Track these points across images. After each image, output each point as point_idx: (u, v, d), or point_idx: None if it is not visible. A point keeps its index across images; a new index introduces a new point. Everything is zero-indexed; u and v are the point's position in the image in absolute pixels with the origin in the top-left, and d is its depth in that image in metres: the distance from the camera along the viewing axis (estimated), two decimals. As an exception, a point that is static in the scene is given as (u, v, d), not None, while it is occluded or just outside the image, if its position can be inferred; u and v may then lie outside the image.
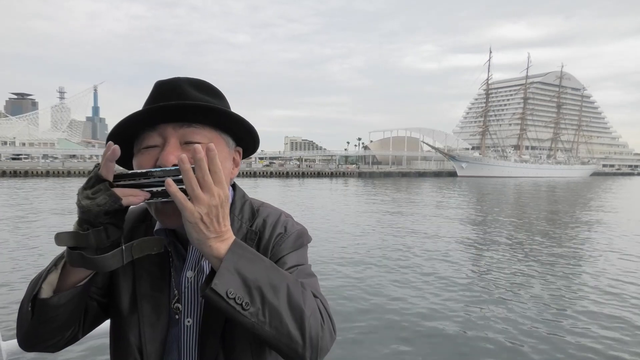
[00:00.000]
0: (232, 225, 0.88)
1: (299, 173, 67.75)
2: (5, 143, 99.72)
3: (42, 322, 0.84)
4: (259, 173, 64.35)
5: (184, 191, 0.76)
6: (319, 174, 69.00)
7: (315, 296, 0.85)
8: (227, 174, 0.93)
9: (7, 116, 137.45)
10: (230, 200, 0.94)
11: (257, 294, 0.77)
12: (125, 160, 0.92)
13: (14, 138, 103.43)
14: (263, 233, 0.96)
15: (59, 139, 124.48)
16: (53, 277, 0.83)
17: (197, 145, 0.76)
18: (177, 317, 0.93)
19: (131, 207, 0.80)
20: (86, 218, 0.76)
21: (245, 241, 0.92)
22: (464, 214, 20.27)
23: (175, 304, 0.93)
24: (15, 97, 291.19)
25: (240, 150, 1.01)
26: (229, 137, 0.95)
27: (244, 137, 0.98)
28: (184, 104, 0.85)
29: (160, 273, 0.94)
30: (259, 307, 0.76)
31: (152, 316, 0.92)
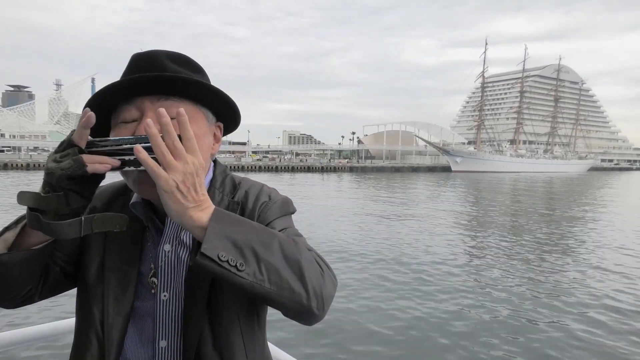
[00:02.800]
0: (212, 198, 0.86)
1: (289, 167, 66.44)
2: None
3: None
4: (247, 167, 62.98)
5: (156, 160, 0.72)
6: (309, 169, 67.66)
7: (308, 249, 0.84)
8: (208, 149, 0.91)
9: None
10: (210, 175, 0.96)
11: (250, 253, 0.75)
12: (105, 134, 0.89)
13: (0, 129, 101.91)
14: (246, 203, 0.95)
15: (51, 132, 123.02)
16: (10, 235, 0.82)
17: (161, 109, 0.73)
18: (152, 291, 0.91)
19: (112, 181, 0.77)
20: (48, 180, 0.74)
21: None
22: (457, 214, 18.95)
23: (151, 278, 0.91)
24: (11, 89, 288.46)
25: (221, 125, 0.99)
26: (208, 112, 0.92)
27: (225, 111, 0.96)
28: (161, 75, 0.83)
29: (132, 246, 0.92)
30: (255, 265, 0.74)
31: (117, 289, 0.90)
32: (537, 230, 14.49)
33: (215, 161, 1.02)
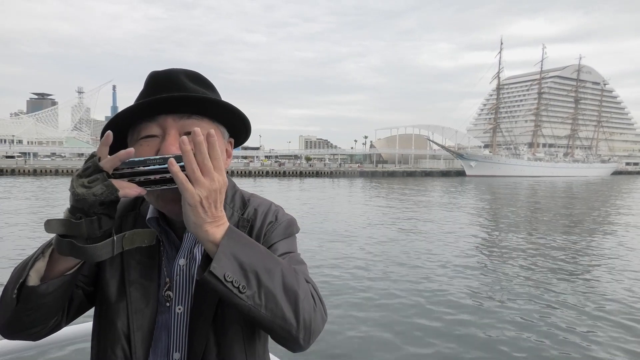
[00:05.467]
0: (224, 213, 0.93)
1: (297, 172, 65.34)
2: (13, 141, 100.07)
3: (26, 309, 0.83)
4: (255, 172, 62.15)
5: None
6: (317, 174, 66.41)
7: (307, 281, 0.88)
8: (223, 165, 0.96)
9: (19, 115, 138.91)
10: None
11: (253, 277, 0.78)
12: (119, 148, 0.93)
13: (13, 136, 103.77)
14: (255, 221, 0.98)
15: (67, 138, 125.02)
16: (40, 265, 0.82)
17: (196, 128, 0.77)
18: (167, 304, 0.93)
19: None
20: (80, 207, 0.74)
21: (237, 228, 0.92)
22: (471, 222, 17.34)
23: (167, 292, 0.93)
24: (35, 97, 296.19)
25: (232, 140, 1.03)
26: (224, 129, 0.97)
27: (238, 127, 1.00)
28: (190, 96, 0.87)
29: (150, 261, 0.94)
30: (255, 290, 0.78)
31: (140, 303, 0.92)
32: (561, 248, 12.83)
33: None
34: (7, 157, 77.14)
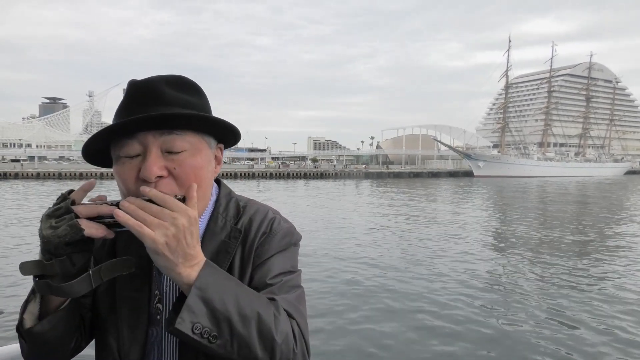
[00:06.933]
0: (215, 223, 0.90)
1: (301, 174, 64.69)
2: (21, 145, 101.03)
3: (36, 345, 0.85)
4: (259, 174, 61.77)
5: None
6: (322, 175, 65.75)
7: (291, 316, 0.84)
8: (211, 175, 0.93)
9: (30, 120, 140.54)
10: (214, 197, 0.97)
11: (225, 325, 0.75)
12: (104, 161, 0.91)
13: (20, 140, 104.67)
14: (249, 231, 0.94)
15: (75, 141, 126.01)
16: (33, 306, 0.83)
17: (145, 188, 0.77)
18: (158, 317, 0.92)
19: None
20: (47, 248, 0.74)
21: (229, 239, 0.91)
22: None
23: (157, 304, 0.92)
24: (47, 101, 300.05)
25: (222, 147, 0.99)
26: (210, 138, 0.93)
27: (226, 135, 0.96)
28: (165, 115, 0.82)
29: (141, 274, 0.92)
30: (227, 338, 0.75)
31: (130, 318, 0.91)
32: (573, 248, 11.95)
33: (220, 183, 1.01)
34: (13, 160, 77.64)
